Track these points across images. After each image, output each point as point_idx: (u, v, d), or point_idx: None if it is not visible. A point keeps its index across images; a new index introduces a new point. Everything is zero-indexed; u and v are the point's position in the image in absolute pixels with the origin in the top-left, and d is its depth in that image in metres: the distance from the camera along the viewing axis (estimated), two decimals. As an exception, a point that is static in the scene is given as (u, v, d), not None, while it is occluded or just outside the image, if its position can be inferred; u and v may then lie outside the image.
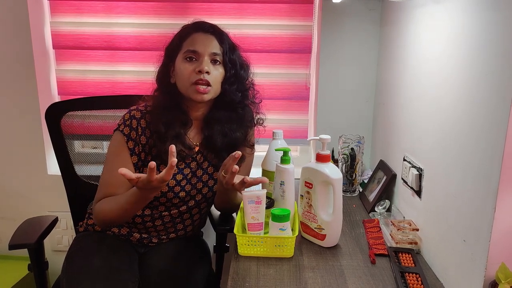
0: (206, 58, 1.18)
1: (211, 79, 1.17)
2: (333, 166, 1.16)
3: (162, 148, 1.19)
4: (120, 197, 1.14)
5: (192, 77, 1.17)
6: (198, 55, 1.18)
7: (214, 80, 1.18)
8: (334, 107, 1.72)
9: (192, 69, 1.17)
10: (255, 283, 0.99)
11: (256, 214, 1.13)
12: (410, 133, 1.27)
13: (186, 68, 1.18)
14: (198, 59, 1.18)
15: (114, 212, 1.14)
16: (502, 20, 0.79)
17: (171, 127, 1.20)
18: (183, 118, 1.23)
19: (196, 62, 1.18)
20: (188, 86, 1.17)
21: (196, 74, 1.16)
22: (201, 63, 1.17)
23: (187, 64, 1.18)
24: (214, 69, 1.19)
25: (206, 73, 1.16)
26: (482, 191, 0.84)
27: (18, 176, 1.81)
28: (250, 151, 1.34)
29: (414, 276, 1.01)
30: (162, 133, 1.19)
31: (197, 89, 1.16)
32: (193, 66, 1.17)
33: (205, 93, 1.17)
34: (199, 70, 1.16)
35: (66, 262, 1.18)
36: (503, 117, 0.77)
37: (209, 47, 1.19)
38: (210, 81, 1.17)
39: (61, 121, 1.40)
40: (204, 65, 1.16)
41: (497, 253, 0.81)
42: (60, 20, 1.74)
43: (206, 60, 1.18)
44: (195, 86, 1.16)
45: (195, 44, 1.19)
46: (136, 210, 1.14)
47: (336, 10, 1.63)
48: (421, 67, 1.20)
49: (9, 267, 1.81)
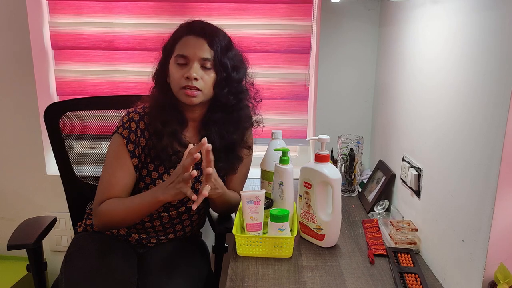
0: (196, 64, 1.17)
1: (200, 84, 1.17)
2: (332, 166, 1.16)
3: (159, 145, 1.20)
4: (129, 200, 1.17)
5: (181, 82, 1.17)
6: (187, 60, 1.18)
7: (203, 85, 1.18)
8: (333, 107, 1.72)
9: (181, 74, 1.17)
10: (254, 284, 0.99)
11: (255, 214, 1.13)
12: (409, 133, 1.27)
13: (176, 72, 1.18)
14: (187, 64, 1.18)
15: (122, 214, 1.16)
16: (500, 19, 0.79)
17: (167, 124, 1.20)
18: (179, 117, 1.24)
19: (185, 67, 1.17)
20: (178, 90, 1.18)
21: (184, 79, 1.17)
22: (189, 69, 1.16)
23: (177, 69, 1.18)
24: (205, 73, 1.18)
25: (194, 80, 1.16)
26: (481, 191, 0.84)
27: (17, 177, 1.81)
28: (248, 152, 1.33)
29: (413, 276, 1.00)
30: (158, 129, 1.20)
31: (185, 92, 1.17)
32: (183, 71, 1.17)
33: (194, 96, 1.17)
34: (187, 76, 1.16)
35: (65, 263, 1.18)
36: (502, 117, 0.77)
37: (198, 52, 1.17)
38: (199, 86, 1.17)
39: (60, 121, 1.40)
40: (192, 71, 1.16)
41: (496, 253, 0.81)
42: (59, 20, 1.74)
43: (195, 66, 1.17)
44: (183, 90, 1.17)
45: (185, 49, 1.18)
46: (145, 214, 1.16)
47: (335, 10, 1.63)
48: (420, 67, 1.20)
49: (8, 267, 1.81)
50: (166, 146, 1.20)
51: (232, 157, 1.28)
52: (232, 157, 1.28)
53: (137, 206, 1.15)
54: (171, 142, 1.21)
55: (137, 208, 1.15)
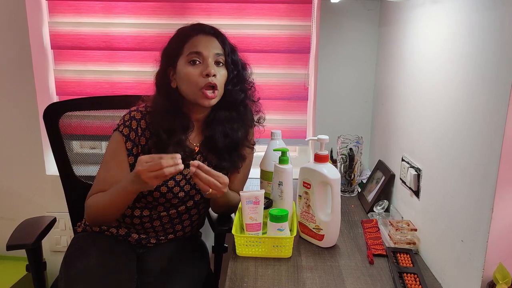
0: (211, 60, 1.16)
1: (217, 81, 1.16)
2: (332, 167, 1.16)
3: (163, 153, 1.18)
4: (108, 191, 1.14)
5: (200, 82, 1.15)
6: (202, 57, 1.16)
7: (219, 83, 1.17)
8: (333, 108, 1.72)
9: (198, 73, 1.15)
10: (253, 284, 0.99)
11: (254, 214, 1.13)
12: (409, 133, 1.27)
13: (192, 72, 1.15)
14: (202, 62, 1.16)
15: (101, 206, 1.15)
16: (500, 19, 0.79)
17: (172, 134, 1.18)
18: (185, 122, 1.22)
19: (200, 65, 1.16)
20: (197, 91, 1.16)
21: (203, 77, 1.15)
22: (207, 66, 1.15)
23: (192, 68, 1.16)
24: (218, 71, 1.18)
25: (213, 76, 1.15)
26: (480, 191, 0.84)
27: (17, 177, 1.81)
28: (251, 151, 1.34)
29: (412, 276, 1.00)
30: (163, 140, 1.18)
31: (205, 94, 1.15)
32: (199, 69, 1.15)
33: (213, 98, 1.17)
34: (207, 73, 1.14)
35: (64, 263, 1.18)
36: (501, 116, 0.77)
37: (212, 48, 1.17)
38: (217, 83, 1.16)
39: (59, 122, 1.39)
40: (211, 68, 1.15)
41: (494, 253, 0.81)
42: (58, 20, 1.74)
43: (211, 62, 1.16)
44: (203, 91, 1.15)
45: (198, 46, 1.17)
46: (122, 205, 1.13)
47: (334, 10, 1.63)
48: (419, 67, 1.20)
49: (7, 267, 1.81)
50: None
51: (235, 156, 1.28)
52: (235, 156, 1.28)
53: (114, 197, 1.12)
54: (176, 151, 1.18)
55: (114, 200, 1.12)
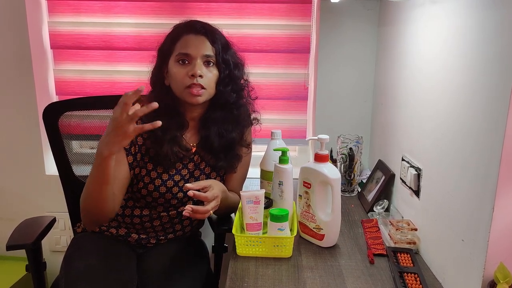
0: (199, 61, 1.16)
1: (204, 82, 1.16)
2: (332, 166, 1.16)
3: (159, 152, 1.19)
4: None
5: (185, 81, 1.16)
6: (190, 58, 1.17)
7: (207, 83, 1.18)
8: (333, 107, 1.72)
9: (185, 73, 1.16)
10: (254, 283, 0.99)
11: (255, 214, 1.13)
12: (409, 133, 1.27)
13: (179, 71, 1.17)
14: (190, 62, 1.17)
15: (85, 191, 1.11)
16: (500, 19, 0.79)
17: (167, 131, 1.18)
18: (180, 120, 1.23)
19: (188, 66, 1.17)
20: (182, 89, 1.17)
21: (189, 78, 1.15)
22: (193, 66, 1.15)
23: (180, 68, 1.17)
24: (208, 71, 1.18)
25: (199, 77, 1.15)
26: (481, 191, 0.84)
27: (16, 177, 1.80)
28: (247, 151, 1.33)
29: (412, 276, 1.01)
30: (158, 137, 1.18)
31: (191, 92, 1.16)
32: (186, 69, 1.16)
33: (199, 95, 1.17)
34: (192, 74, 1.15)
35: (64, 263, 1.18)
36: (501, 116, 0.77)
37: (201, 49, 1.17)
38: (204, 84, 1.16)
39: (59, 121, 1.39)
40: (197, 68, 1.15)
41: (495, 252, 0.81)
42: (58, 20, 1.73)
43: (199, 63, 1.16)
44: (188, 89, 1.16)
45: (187, 46, 1.17)
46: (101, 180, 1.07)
47: (334, 10, 1.63)
48: (419, 67, 1.20)
49: (7, 267, 1.80)
50: (167, 154, 1.19)
51: (231, 155, 1.28)
52: (231, 156, 1.28)
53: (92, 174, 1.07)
54: (171, 148, 1.19)
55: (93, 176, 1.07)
